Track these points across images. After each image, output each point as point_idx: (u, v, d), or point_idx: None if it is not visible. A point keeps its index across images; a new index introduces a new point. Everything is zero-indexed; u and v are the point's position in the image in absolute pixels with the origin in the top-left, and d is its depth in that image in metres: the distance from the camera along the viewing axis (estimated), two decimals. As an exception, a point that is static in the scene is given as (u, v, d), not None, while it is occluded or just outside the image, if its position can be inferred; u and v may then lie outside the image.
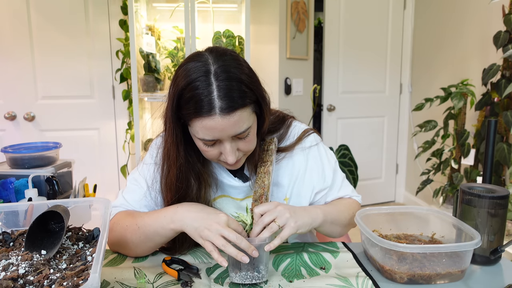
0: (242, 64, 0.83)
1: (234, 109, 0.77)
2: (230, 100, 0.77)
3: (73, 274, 0.63)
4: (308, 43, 3.23)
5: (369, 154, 3.59)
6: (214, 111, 0.77)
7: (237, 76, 0.79)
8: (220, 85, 0.77)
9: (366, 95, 3.53)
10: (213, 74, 0.77)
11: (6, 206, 0.84)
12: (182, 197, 0.92)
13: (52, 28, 2.59)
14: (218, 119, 0.77)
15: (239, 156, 0.88)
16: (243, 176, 1.00)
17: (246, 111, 0.81)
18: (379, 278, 0.84)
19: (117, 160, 2.86)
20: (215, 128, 0.78)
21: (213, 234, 0.78)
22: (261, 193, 0.88)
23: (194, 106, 0.77)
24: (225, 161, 0.87)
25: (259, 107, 0.86)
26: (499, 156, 2.15)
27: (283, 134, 1.04)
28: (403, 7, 3.47)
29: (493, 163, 0.97)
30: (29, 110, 2.63)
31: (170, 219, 0.84)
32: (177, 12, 2.48)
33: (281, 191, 1.02)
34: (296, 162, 1.03)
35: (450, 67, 2.98)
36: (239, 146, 0.86)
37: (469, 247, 0.79)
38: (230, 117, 0.78)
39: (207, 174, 0.96)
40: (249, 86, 0.80)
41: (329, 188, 1.06)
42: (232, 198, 1.02)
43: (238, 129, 0.81)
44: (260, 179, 0.91)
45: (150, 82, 2.38)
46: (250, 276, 0.79)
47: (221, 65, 0.79)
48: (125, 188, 1.01)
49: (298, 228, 0.85)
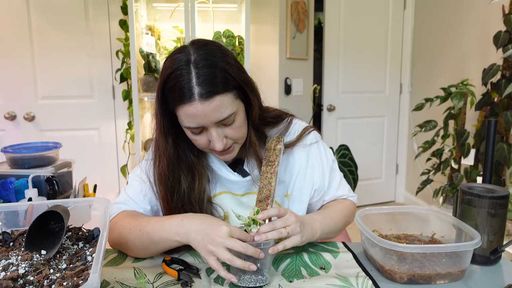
0: (223, 52, 0.85)
1: (212, 94, 0.79)
2: (208, 86, 0.79)
3: (73, 274, 0.63)
4: (308, 43, 3.23)
5: (369, 154, 3.59)
6: (193, 98, 0.79)
7: (216, 63, 0.81)
8: (199, 72, 0.79)
9: (366, 95, 3.53)
10: (192, 63, 0.80)
11: (6, 206, 0.84)
12: (173, 189, 0.93)
13: (52, 28, 2.59)
14: (198, 105, 0.79)
15: (229, 144, 0.89)
16: (242, 171, 1.01)
17: (227, 96, 0.82)
18: (379, 278, 0.84)
19: (117, 160, 2.86)
20: (197, 114, 0.80)
21: (217, 249, 0.76)
22: (267, 195, 0.87)
23: (176, 94, 0.80)
24: (215, 149, 0.88)
25: (244, 94, 0.87)
26: (499, 156, 2.15)
27: (284, 130, 1.04)
28: (403, 7, 3.47)
29: (493, 163, 0.97)
30: (29, 110, 2.63)
31: (175, 232, 0.83)
32: (177, 12, 2.48)
33: (283, 187, 1.03)
34: (297, 158, 1.03)
35: (450, 67, 2.98)
36: (227, 133, 0.87)
37: (469, 247, 0.79)
38: (209, 102, 0.79)
39: (202, 166, 0.97)
40: (230, 73, 0.82)
41: (327, 186, 1.06)
42: (233, 194, 1.02)
43: (220, 115, 0.82)
44: (266, 179, 0.90)
45: (150, 82, 2.38)
46: (254, 279, 0.79)
47: (201, 53, 0.81)
48: (127, 185, 1.02)
49: (302, 242, 0.87)
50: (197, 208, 0.95)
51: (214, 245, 0.77)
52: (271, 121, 1.03)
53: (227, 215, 1.01)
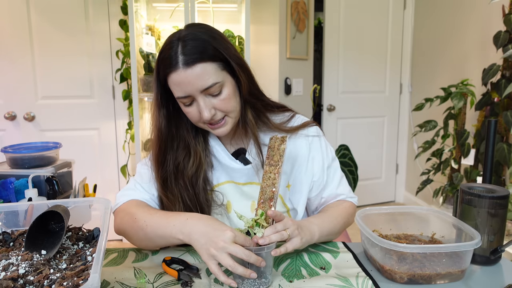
0: (211, 29, 0.92)
1: (194, 61, 0.86)
2: (191, 54, 0.86)
3: (73, 274, 0.63)
4: (308, 43, 3.23)
5: (369, 154, 3.59)
6: (178, 65, 0.86)
7: (200, 37, 0.88)
8: (184, 44, 0.87)
9: (366, 95, 3.53)
10: (181, 37, 0.88)
11: (6, 206, 0.84)
12: (164, 159, 0.97)
13: (52, 28, 2.59)
14: (182, 72, 0.86)
15: (218, 116, 0.93)
16: (244, 159, 1.03)
17: (211, 65, 0.87)
18: (379, 278, 0.84)
19: (117, 160, 2.86)
20: (182, 81, 0.87)
21: (220, 253, 0.76)
22: (271, 196, 0.86)
23: (164, 64, 0.89)
24: (204, 120, 0.92)
25: (230, 68, 0.92)
26: (499, 156, 2.15)
27: (286, 122, 1.07)
28: (403, 7, 3.47)
29: (493, 163, 0.97)
30: (29, 110, 2.63)
31: (179, 230, 0.84)
32: (177, 12, 2.48)
33: (284, 178, 1.05)
34: (299, 148, 1.05)
35: (450, 67, 2.98)
36: (215, 105, 0.91)
37: (469, 247, 0.79)
38: (192, 69, 0.86)
39: (200, 148, 1.01)
40: (213, 45, 0.88)
41: (326, 182, 1.07)
42: (235, 184, 1.04)
43: (204, 82, 0.87)
44: (270, 179, 0.89)
45: (150, 82, 2.38)
46: (258, 283, 0.79)
47: (190, 30, 0.90)
48: (136, 174, 1.06)
49: (302, 244, 0.87)
50: (190, 189, 0.98)
51: (217, 249, 0.76)
52: (273, 105, 1.06)
53: (229, 204, 1.03)
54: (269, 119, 1.04)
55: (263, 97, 1.04)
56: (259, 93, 1.02)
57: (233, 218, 1.03)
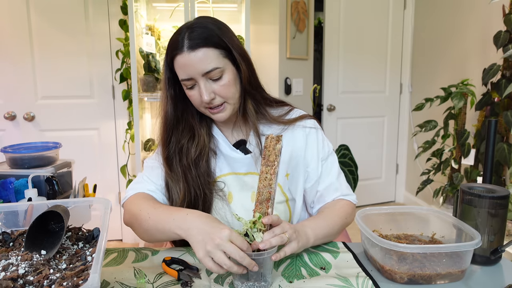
0: (217, 21, 0.99)
1: (198, 45, 0.92)
2: (195, 39, 0.92)
3: (73, 274, 0.63)
4: (308, 43, 3.23)
5: (369, 154, 3.59)
6: (183, 49, 0.93)
7: (206, 26, 0.95)
8: (192, 30, 0.94)
9: (366, 95, 3.53)
10: (189, 26, 0.95)
11: (6, 206, 0.84)
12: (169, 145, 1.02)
13: (52, 28, 2.58)
14: (186, 55, 0.92)
15: (218, 101, 0.97)
16: (245, 150, 1.06)
17: (213, 51, 0.93)
18: (379, 278, 0.84)
19: (117, 160, 2.86)
20: (186, 64, 0.93)
21: (214, 250, 0.76)
22: (268, 197, 0.86)
23: (172, 48, 0.95)
24: (204, 104, 0.97)
25: (232, 57, 0.97)
26: (499, 156, 2.15)
27: (284, 115, 1.10)
28: (403, 7, 3.47)
29: (493, 163, 0.97)
30: (29, 110, 2.63)
31: (178, 225, 0.85)
32: (177, 12, 2.48)
33: (283, 167, 1.06)
34: (297, 138, 1.08)
35: (450, 67, 2.98)
36: (215, 89, 0.96)
37: (469, 247, 0.79)
38: (195, 53, 0.92)
39: (204, 132, 1.05)
40: (217, 34, 0.94)
41: (321, 174, 1.08)
42: (237, 174, 1.06)
43: (205, 66, 0.92)
44: (266, 180, 0.88)
45: (150, 82, 2.38)
46: (258, 286, 0.79)
47: (198, 21, 0.97)
48: (143, 169, 1.10)
49: (299, 248, 0.88)
50: (193, 170, 1.02)
51: (212, 245, 0.76)
52: (272, 100, 1.11)
53: (231, 195, 1.06)
54: (267, 112, 1.07)
55: (262, 91, 1.09)
56: (259, 86, 1.07)
57: (232, 207, 1.05)
